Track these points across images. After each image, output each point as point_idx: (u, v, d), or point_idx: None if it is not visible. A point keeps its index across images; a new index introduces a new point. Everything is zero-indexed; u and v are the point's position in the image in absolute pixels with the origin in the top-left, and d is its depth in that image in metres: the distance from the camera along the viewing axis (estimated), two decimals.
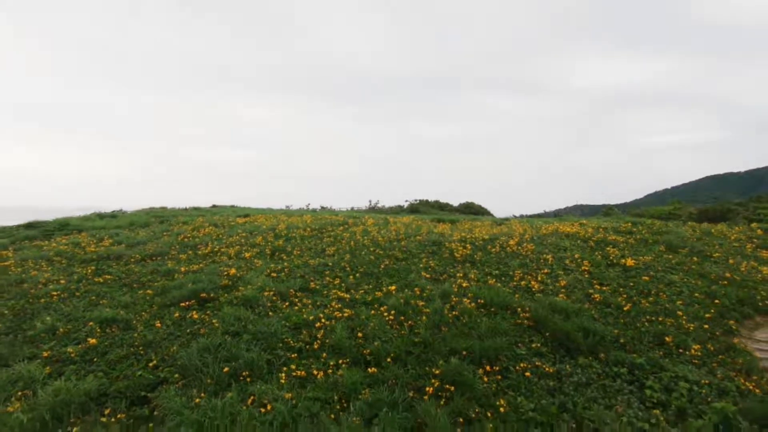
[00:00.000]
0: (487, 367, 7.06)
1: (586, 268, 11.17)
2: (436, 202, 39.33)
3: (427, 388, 6.49)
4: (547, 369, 7.18)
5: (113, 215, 22.14)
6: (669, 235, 14.45)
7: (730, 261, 12.26)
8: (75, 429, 5.88)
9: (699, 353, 7.88)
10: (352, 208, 33.52)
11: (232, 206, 30.17)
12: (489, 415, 6.13)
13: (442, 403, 6.23)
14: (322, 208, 33.57)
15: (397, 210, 33.62)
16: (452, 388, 6.49)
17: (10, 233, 16.97)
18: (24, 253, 13.48)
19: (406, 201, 35.49)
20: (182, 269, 11.14)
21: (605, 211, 30.32)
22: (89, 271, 11.48)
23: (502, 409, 6.22)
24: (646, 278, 10.68)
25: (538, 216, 38.22)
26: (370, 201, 36.85)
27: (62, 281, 10.73)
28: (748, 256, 12.86)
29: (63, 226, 18.24)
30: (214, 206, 29.52)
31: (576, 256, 12.03)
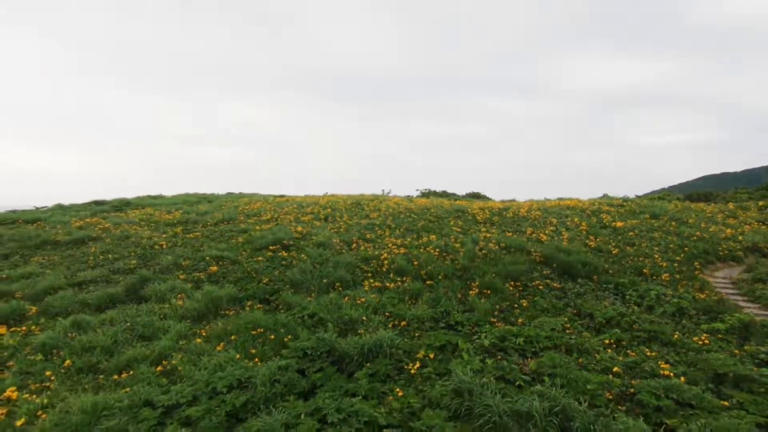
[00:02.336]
0: (511, 283, 9.70)
1: (584, 228, 13.81)
2: (444, 192, 41.95)
3: (471, 292, 9.13)
4: (554, 285, 9.82)
5: (160, 196, 24.70)
6: (654, 208, 17.11)
7: (702, 225, 14.91)
8: (230, 312, 8.49)
9: (668, 279, 10.51)
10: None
11: (256, 193, 32.80)
12: (515, 306, 8.76)
13: (482, 300, 8.84)
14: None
15: (409, 198, 36.23)
16: (488, 292, 9.14)
17: (85, 208, 19.54)
18: (111, 220, 16.03)
19: (417, 190, 38.00)
20: (256, 228, 13.74)
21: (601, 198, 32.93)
22: (178, 230, 14.06)
23: (524, 305, 8.84)
24: (632, 234, 13.34)
25: None
26: (383, 190, 39.31)
27: (163, 236, 13.32)
28: (717, 223, 15.51)
29: (126, 203, 20.81)
30: (241, 193, 32.13)
31: (575, 220, 14.67)
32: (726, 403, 5.50)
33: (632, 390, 5.79)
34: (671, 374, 6.17)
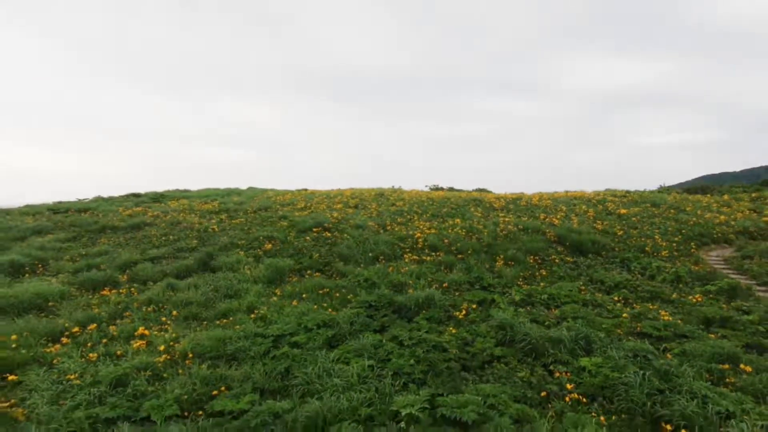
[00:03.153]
0: (531, 257, 11.16)
1: (591, 214, 15.28)
2: (451, 188, 43.49)
3: (497, 263, 10.58)
4: (568, 259, 11.28)
5: (187, 190, 26.15)
6: (654, 198, 18.59)
7: (698, 212, 16.37)
8: (294, 279, 9.93)
9: (667, 255, 11.96)
10: None
11: (274, 188, 34.26)
12: (536, 274, 10.22)
13: (508, 269, 10.29)
14: None
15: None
16: (512, 263, 10.60)
17: (126, 199, 20.97)
18: (156, 209, 17.44)
19: (426, 186, 39.47)
20: (296, 214, 15.18)
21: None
22: (223, 217, 15.49)
23: (544, 273, 10.30)
24: (634, 219, 14.80)
25: None
26: (393, 186, 40.79)
27: (211, 221, 14.75)
28: (713, 211, 16.97)
29: (162, 196, 22.24)
30: (260, 188, 33.58)
31: (583, 207, 16.14)
32: (713, 336, 6.95)
33: (639, 329, 7.24)
34: (670, 319, 7.62)
